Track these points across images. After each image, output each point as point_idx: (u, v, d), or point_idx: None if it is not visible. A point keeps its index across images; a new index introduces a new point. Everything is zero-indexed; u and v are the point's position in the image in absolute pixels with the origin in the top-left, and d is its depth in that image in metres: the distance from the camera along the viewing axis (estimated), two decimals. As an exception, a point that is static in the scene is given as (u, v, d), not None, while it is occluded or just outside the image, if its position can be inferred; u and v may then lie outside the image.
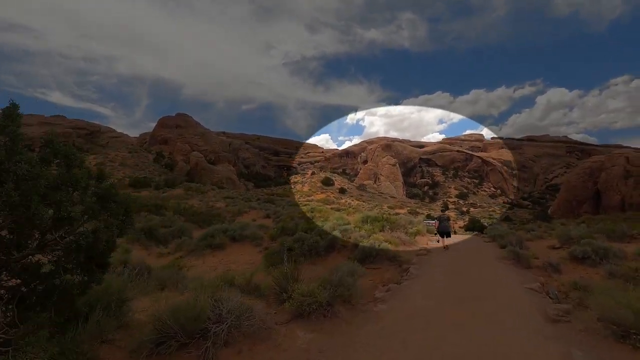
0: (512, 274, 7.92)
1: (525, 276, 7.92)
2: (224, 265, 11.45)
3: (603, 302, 4.85)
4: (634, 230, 13.55)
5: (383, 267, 10.29)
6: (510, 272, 8.32)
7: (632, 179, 68.45)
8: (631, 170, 68.62)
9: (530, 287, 6.30)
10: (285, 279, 4.66)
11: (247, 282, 5.88)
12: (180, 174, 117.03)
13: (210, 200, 47.43)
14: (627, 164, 69.80)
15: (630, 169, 68.93)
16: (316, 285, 4.35)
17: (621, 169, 69.50)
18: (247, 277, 5.98)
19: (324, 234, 11.65)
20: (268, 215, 33.93)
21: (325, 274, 4.83)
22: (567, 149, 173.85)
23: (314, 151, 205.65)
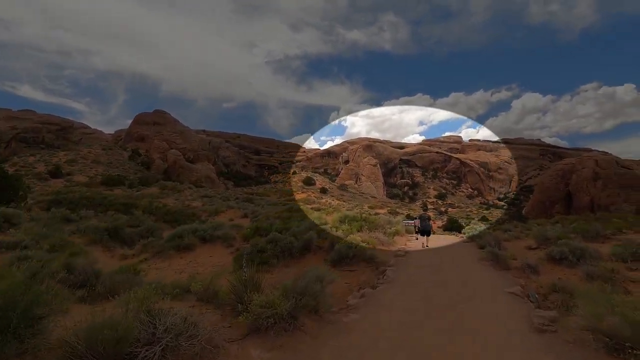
0: (491, 277, 7.61)
1: (505, 278, 7.63)
2: (192, 267, 10.69)
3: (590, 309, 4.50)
4: (607, 230, 13.66)
5: (360, 268, 9.83)
6: (490, 274, 8.02)
7: (600, 181, 71.34)
8: (600, 173, 71.49)
9: (511, 291, 5.97)
10: (243, 287, 4.07)
11: (205, 288, 5.23)
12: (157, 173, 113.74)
13: (186, 199, 45.95)
14: (596, 167, 72.68)
15: (599, 171, 71.80)
16: (278, 295, 3.78)
17: (590, 172, 72.29)
18: (206, 282, 5.33)
19: (299, 235, 11.09)
20: (246, 215, 33.04)
21: (289, 281, 4.26)
22: (541, 152, 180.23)
23: (296, 150, 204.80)
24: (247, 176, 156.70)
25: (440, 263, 9.47)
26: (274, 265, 10.12)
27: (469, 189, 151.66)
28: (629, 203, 70.26)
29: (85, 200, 23.65)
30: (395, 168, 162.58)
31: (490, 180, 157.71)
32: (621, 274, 9.50)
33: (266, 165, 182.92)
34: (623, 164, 76.18)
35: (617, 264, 10.21)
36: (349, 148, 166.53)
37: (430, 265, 9.01)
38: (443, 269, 8.41)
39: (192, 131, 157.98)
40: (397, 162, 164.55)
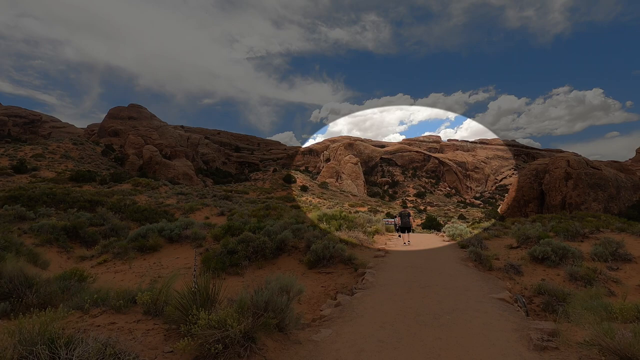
0: (476, 280, 7.15)
1: (491, 282, 7.19)
2: (155, 270, 9.77)
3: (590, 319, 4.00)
4: (585, 229, 13.61)
5: (337, 270, 9.21)
6: (474, 277, 7.57)
7: (571, 180, 73.96)
8: (571, 173, 74.09)
9: (500, 297, 5.48)
10: (192, 301, 3.33)
11: (154, 299, 4.43)
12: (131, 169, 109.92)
13: (160, 196, 44.14)
14: (568, 167, 75.27)
15: (570, 171, 74.39)
16: (232, 312, 3.07)
17: (563, 172, 74.80)
18: (156, 292, 4.53)
19: (273, 234, 10.35)
20: (222, 213, 31.98)
21: (246, 294, 3.55)
22: (515, 152, 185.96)
23: (277, 148, 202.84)
24: (227, 173, 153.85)
25: (422, 264, 8.97)
26: (245, 267, 9.35)
27: (447, 188, 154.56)
28: (598, 202, 73.24)
29: (47, 196, 21.97)
30: (376, 166, 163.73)
31: (467, 179, 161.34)
32: (603, 274, 9.29)
33: (247, 163, 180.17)
34: (592, 164, 79.23)
35: (598, 264, 10.03)
36: (330, 146, 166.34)
37: (411, 267, 8.49)
38: (425, 271, 7.90)
39: (169, 127, 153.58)
40: (377, 161, 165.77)
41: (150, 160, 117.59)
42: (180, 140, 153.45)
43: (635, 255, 10.60)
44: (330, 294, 7.76)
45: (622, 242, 11.45)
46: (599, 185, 73.91)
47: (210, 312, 3.13)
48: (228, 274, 9.07)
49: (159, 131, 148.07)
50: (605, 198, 73.85)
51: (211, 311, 3.28)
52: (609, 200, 73.68)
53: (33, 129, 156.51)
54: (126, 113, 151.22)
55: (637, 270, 9.86)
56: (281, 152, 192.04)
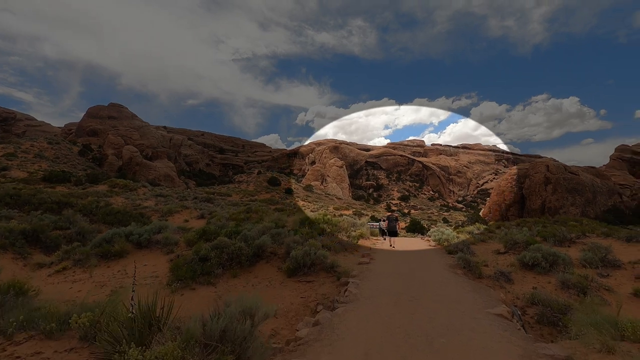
0: (468, 291, 6.62)
1: (482, 292, 6.68)
2: (118, 280, 8.86)
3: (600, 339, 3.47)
4: (572, 234, 13.40)
5: (318, 279, 8.54)
6: (465, 286, 7.05)
7: (550, 185, 75.71)
8: (550, 178, 75.85)
9: (497, 312, 4.96)
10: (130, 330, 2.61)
11: (94, 322, 3.67)
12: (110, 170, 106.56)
13: (138, 198, 42.48)
14: (547, 172, 77.05)
15: (549, 176, 76.16)
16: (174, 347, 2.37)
17: (542, 176, 76.51)
18: (98, 312, 3.76)
19: (251, 239, 9.60)
20: (203, 216, 30.81)
21: (197, 322, 2.85)
22: (496, 157, 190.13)
23: (262, 150, 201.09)
24: (210, 175, 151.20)
25: (409, 272, 8.41)
26: (219, 276, 8.57)
27: (430, 192, 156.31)
28: (575, 206, 75.20)
29: (10, 197, 20.47)
30: (361, 170, 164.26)
31: (450, 183, 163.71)
32: (595, 281, 8.94)
33: (231, 165, 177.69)
34: (570, 169, 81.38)
35: (588, 271, 9.71)
36: (315, 149, 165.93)
37: (398, 275, 7.91)
38: (413, 280, 7.33)
39: (151, 127, 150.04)
40: (362, 164, 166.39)
41: (130, 161, 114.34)
42: (162, 141, 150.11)
43: (624, 261, 10.35)
44: (310, 306, 7.10)
45: (610, 247, 11.23)
46: (576, 190, 75.94)
47: (149, 346, 2.42)
48: (199, 284, 8.27)
49: (140, 131, 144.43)
50: (582, 202, 75.90)
51: (153, 342, 2.56)
52: (586, 205, 75.76)
53: (6, 128, 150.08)
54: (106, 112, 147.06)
55: (627, 277, 9.58)
56: (266, 155, 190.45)
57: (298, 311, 6.91)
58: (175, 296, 7.69)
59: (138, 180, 77.03)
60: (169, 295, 7.75)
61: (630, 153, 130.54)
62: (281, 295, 7.76)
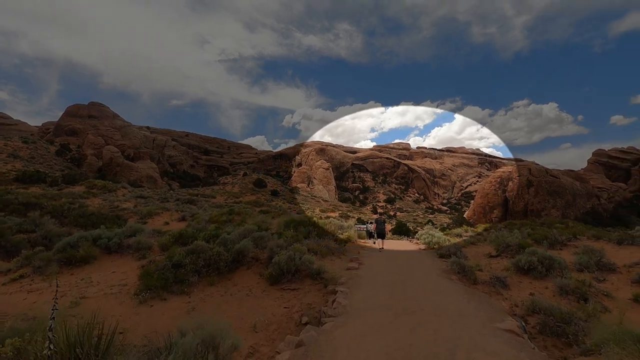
0: (468, 300, 6.09)
1: (483, 301, 6.16)
2: (80, 289, 7.96)
3: None
4: (562, 236, 13.13)
5: (304, 287, 7.87)
6: (463, 295, 6.52)
7: (533, 188, 77.19)
8: (533, 181, 77.34)
9: (506, 327, 4.41)
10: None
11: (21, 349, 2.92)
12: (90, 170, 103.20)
13: (117, 199, 40.83)
14: (530, 175, 78.55)
15: (532, 179, 77.64)
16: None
17: (525, 179, 77.96)
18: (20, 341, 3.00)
19: (231, 243, 8.86)
20: (184, 218, 29.75)
21: None
22: (479, 161, 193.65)
23: (248, 152, 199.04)
24: (194, 177, 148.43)
25: (401, 278, 7.84)
26: (194, 284, 7.79)
27: (415, 194, 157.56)
28: (556, 209, 76.88)
29: (-27, 198, 19.01)
30: (347, 172, 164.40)
31: (435, 186, 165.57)
32: (593, 287, 8.56)
33: (216, 166, 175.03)
34: (551, 173, 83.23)
35: (585, 275, 9.35)
36: (302, 151, 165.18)
37: (390, 283, 7.32)
38: (407, 288, 6.76)
39: (134, 127, 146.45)
40: (349, 167, 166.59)
41: (110, 161, 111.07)
42: (145, 142, 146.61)
43: (618, 264, 10.07)
44: (295, 318, 6.42)
45: (603, 250, 10.96)
46: (557, 193, 77.66)
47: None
48: (171, 293, 7.48)
49: (122, 131, 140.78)
50: (563, 205, 77.67)
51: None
52: (566, 207, 77.56)
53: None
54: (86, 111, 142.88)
55: (623, 281, 9.27)
56: (252, 156, 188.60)
57: (281, 324, 6.23)
58: (142, 308, 6.89)
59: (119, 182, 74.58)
60: (136, 307, 6.95)
61: (607, 157, 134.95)
62: (262, 305, 7.05)
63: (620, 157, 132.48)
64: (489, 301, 6.24)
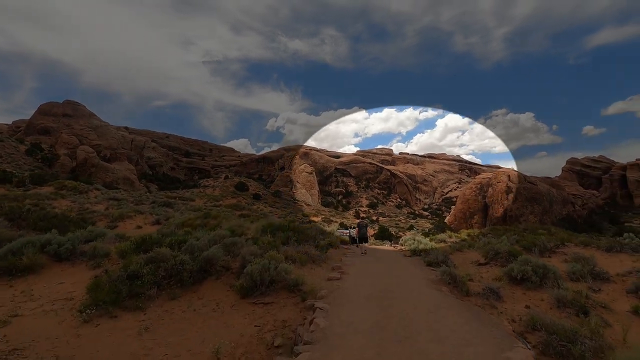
0: (467, 320, 5.37)
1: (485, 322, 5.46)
2: (16, 304, 6.80)
3: None
4: (551, 243, 12.73)
5: (279, 301, 6.97)
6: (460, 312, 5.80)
7: (512, 194, 78.71)
8: (511, 187, 78.87)
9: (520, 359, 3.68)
10: None
11: None
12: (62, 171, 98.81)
13: (88, 201, 38.68)
14: (509, 181, 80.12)
15: (511, 185, 79.19)
16: None
17: (504, 185, 79.42)
18: None
19: (198, 251, 7.87)
20: (158, 221, 28.26)
21: None
22: (460, 167, 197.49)
23: (230, 155, 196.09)
24: (174, 179, 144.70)
25: (388, 290, 7.07)
26: (153, 298, 6.75)
27: (397, 199, 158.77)
28: (534, 215, 78.60)
29: None
30: (330, 176, 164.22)
31: (416, 191, 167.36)
32: (590, 298, 8.03)
33: (197, 169, 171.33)
34: (529, 179, 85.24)
35: (579, 285, 8.84)
36: (285, 155, 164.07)
37: (376, 297, 6.52)
38: (395, 303, 5.99)
39: (111, 127, 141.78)
40: (332, 171, 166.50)
41: (85, 162, 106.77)
42: (123, 142, 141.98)
43: (611, 273, 9.64)
44: (266, 339, 5.52)
45: (594, 258, 10.56)
46: (535, 199, 79.46)
47: None
48: (124, 309, 6.43)
49: (99, 131, 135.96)
50: (540, 211, 79.52)
51: None
52: (543, 213, 79.42)
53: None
54: (60, 110, 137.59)
55: (618, 292, 8.81)
56: (235, 159, 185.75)
57: (250, 347, 5.31)
58: (86, 328, 5.83)
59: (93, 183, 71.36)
60: (78, 327, 5.88)
61: (580, 166, 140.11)
62: (230, 324, 6.12)
63: (591, 166, 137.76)
64: (490, 320, 5.55)
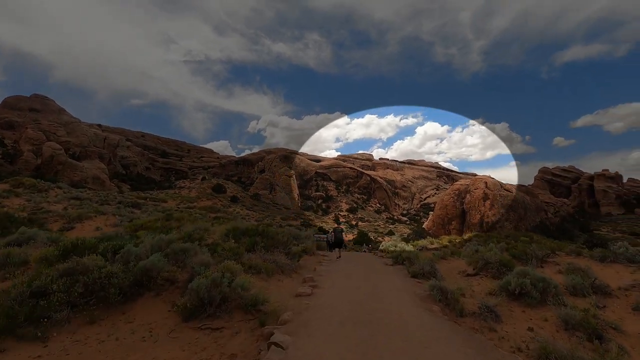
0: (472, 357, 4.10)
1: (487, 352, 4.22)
2: None
3: None
4: (542, 252, 11.83)
5: (231, 325, 5.51)
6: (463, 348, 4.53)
7: (488, 201, 79.79)
8: (488, 194, 79.98)
9: None
10: None
11: None
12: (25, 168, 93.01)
13: (45, 200, 35.67)
14: (486, 188, 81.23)
15: (487, 192, 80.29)
16: None
17: (481, 192, 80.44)
18: None
19: (134, 260, 6.30)
20: (121, 223, 26.04)
21: None
22: (438, 174, 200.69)
23: (209, 156, 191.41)
24: (149, 180, 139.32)
25: (369, 312, 5.74)
26: (63, 322, 5.14)
27: (377, 204, 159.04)
28: (509, 222, 79.91)
29: None
30: (310, 180, 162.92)
31: (395, 196, 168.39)
32: (599, 318, 6.98)
33: (174, 170, 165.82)
34: (505, 187, 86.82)
35: (584, 301, 7.82)
36: (265, 157, 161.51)
37: (354, 321, 5.17)
38: (378, 333, 4.68)
39: (82, 124, 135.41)
40: (312, 175, 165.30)
41: (51, 159, 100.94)
42: (95, 140, 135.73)
43: (612, 286, 8.71)
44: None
45: (592, 270, 9.65)
46: (511, 207, 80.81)
47: None
48: (20, 339, 4.81)
49: (69, 127, 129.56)
50: (515, 218, 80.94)
51: None
52: (518, 220, 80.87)
53: None
54: (27, 104, 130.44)
55: (623, 308, 7.84)
56: (213, 161, 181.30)
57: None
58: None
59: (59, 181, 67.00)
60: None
61: (551, 175, 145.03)
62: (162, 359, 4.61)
63: (562, 175, 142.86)
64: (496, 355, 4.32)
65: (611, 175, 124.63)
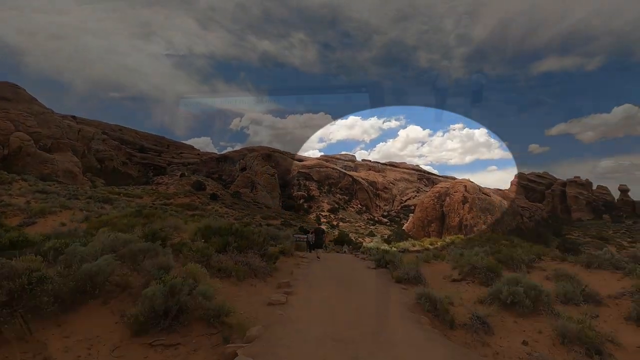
0: None
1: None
2: None
3: None
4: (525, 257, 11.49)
5: (189, 340, 4.69)
6: None
7: (467, 204, 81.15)
8: (467, 197, 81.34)
9: None
10: None
11: None
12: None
13: (7, 193, 33.34)
14: (465, 192, 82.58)
15: (467, 195, 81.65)
16: None
17: (461, 195, 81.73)
18: None
19: (78, 262, 5.38)
20: (88, 219, 24.45)
21: None
22: (419, 176, 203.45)
23: (190, 152, 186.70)
24: (125, 175, 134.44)
25: (351, 327, 5.04)
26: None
27: (358, 205, 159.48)
28: (487, 225, 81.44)
29: None
30: (292, 180, 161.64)
31: (377, 198, 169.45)
32: (595, 330, 6.52)
33: (152, 165, 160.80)
34: (484, 191, 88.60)
35: (576, 310, 7.39)
36: (247, 155, 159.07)
37: (333, 338, 4.45)
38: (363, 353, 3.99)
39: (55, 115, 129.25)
40: (295, 174, 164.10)
41: (19, 150, 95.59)
42: (68, 132, 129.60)
43: (602, 294, 8.36)
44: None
45: (579, 276, 9.32)
46: (488, 210, 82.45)
47: None
48: None
49: (39, 118, 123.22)
50: (492, 221, 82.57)
51: None
52: (495, 224, 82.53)
53: None
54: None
55: (615, 318, 7.47)
56: (194, 157, 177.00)
57: None
58: None
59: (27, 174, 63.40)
60: None
61: (526, 180, 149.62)
62: (96, 386, 3.75)
63: (536, 181, 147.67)
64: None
65: (582, 182, 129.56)
